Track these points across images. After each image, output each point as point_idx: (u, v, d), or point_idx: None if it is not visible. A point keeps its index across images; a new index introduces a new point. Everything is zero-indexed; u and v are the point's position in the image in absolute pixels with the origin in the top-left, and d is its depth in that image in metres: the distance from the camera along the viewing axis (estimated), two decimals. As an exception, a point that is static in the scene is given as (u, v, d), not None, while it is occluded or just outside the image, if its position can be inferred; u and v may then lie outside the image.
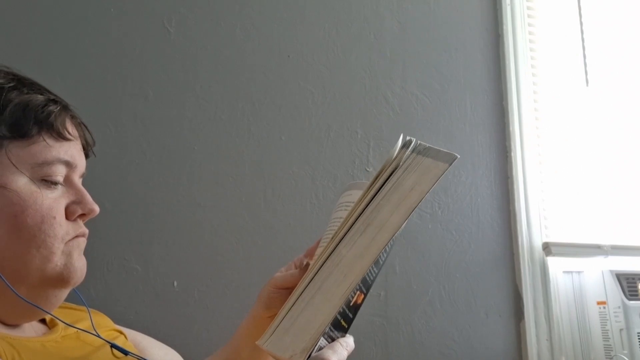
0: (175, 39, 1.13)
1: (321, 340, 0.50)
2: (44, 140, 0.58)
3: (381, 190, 0.51)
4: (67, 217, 0.60)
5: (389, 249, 0.57)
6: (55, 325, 0.65)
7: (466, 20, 1.41)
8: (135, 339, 0.78)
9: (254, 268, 1.08)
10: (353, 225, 0.50)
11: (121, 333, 0.74)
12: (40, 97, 0.59)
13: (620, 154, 1.53)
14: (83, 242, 0.63)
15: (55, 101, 0.61)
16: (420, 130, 1.30)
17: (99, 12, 1.08)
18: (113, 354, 0.65)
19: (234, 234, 1.09)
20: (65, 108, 0.62)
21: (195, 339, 1.01)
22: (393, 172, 0.51)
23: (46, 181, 0.58)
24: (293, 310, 0.49)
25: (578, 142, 1.49)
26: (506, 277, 1.30)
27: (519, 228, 1.32)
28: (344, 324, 0.53)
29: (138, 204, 1.04)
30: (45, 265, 0.57)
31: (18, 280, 0.56)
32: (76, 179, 0.62)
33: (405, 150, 0.52)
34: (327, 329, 0.50)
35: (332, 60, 1.25)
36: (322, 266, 0.50)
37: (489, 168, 1.35)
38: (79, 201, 0.61)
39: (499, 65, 1.41)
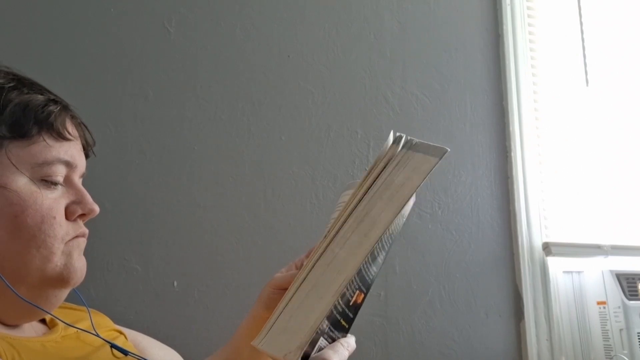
0: (175, 39, 1.13)
1: (321, 341, 0.50)
2: (44, 140, 0.58)
3: (372, 186, 0.51)
4: (67, 217, 0.60)
5: (388, 247, 0.57)
6: (55, 325, 0.65)
7: (466, 20, 1.41)
8: (136, 339, 0.78)
9: (254, 268, 1.08)
10: (345, 223, 0.50)
11: (121, 333, 0.74)
12: (40, 97, 0.59)
13: (620, 154, 1.53)
14: (83, 242, 0.63)
15: (56, 101, 0.61)
16: (420, 130, 1.30)
17: (99, 12, 1.08)
18: (113, 354, 0.65)
19: (234, 234, 1.09)
20: (65, 108, 0.62)
21: (195, 339, 1.01)
22: (384, 169, 0.51)
23: (46, 181, 0.58)
24: (287, 309, 0.49)
25: (578, 142, 1.49)
26: (506, 277, 1.30)
27: (519, 228, 1.32)
28: (344, 323, 0.53)
29: (138, 204, 1.04)
30: (45, 266, 0.57)
31: (18, 280, 0.56)
32: (76, 179, 0.62)
33: (396, 146, 0.52)
34: (327, 328, 0.51)
35: (332, 60, 1.25)
36: (315, 264, 0.50)
37: (489, 168, 1.34)
38: (79, 201, 0.61)
39: (499, 65, 1.41)
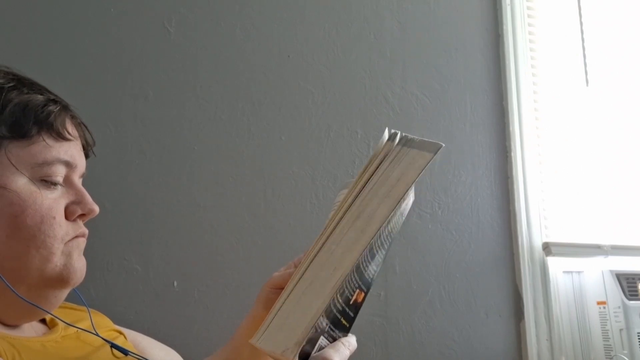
0: (175, 39, 1.13)
1: (322, 340, 0.50)
2: (43, 140, 0.58)
3: (368, 183, 0.51)
4: (67, 218, 0.60)
5: (388, 246, 0.57)
6: (55, 325, 0.65)
7: (466, 20, 1.41)
8: (135, 339, 0.78)
9: (254, 268, 1.08)
10: (341, 220, 0.50)
11: (121, 333, 0.74)
12: (40, 97, 0.59)
13: (620, 154, 1.53)
14: (83, 243, 0.62)
15: (55, 101, 0.61)
16: (420, 130, 1.30)
17: (99, 12, 1.08)
18: (113, 354, 0.65)
19: (234, 234, 1.09)
20: (65, 108, 0.62)
21: (195, 339, 1.01)
22: (379, 166, 0.51)
23: (46, 181, 0.58)
24: (285, 306, 0.49)
25: (578, 142, 1.49)
26: (506, 277, 1.30)
27: (519, 228, 1.32)
28: (345, 323, 0.53)
29: (138, 204, 1.04)
30: (45, 266, 0.57)
31: (18, 280, 0.56)
32: (76, 179, 0.62)
33: (391, 143, 0.52)
34: (328, 327, 0.51)
35: (332, 60, 1.25)
36: (312, 262, 0.50)
37: (489, 168, 1.34)
38: (78, 201, 0.61)
39: (499, 65, 1.41)
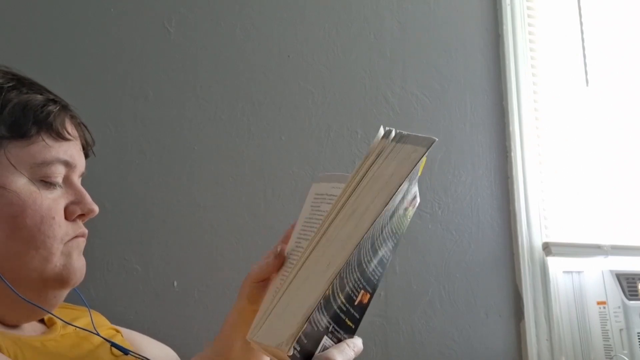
0: (175, 39, 1.13)
1: (326, 340, 0.51)
2: (43, 140, 0.58)
3: (363, 180, 0.51)
4: (67, 218, 0.60)
5: (393, 246, 0.57)
6: (54, 324, 0.65)
7: (466, 20, 1.41)
8: (131, 338, 0.77)
9: (254, 268, 1.07)
10: (336, 217, 0.51)
11: (118, 332, 0.74)
12: (39, 97, 0.59)
13: (620, 154, 1.53)
14: (82, 243, 0.62)
15: (55, 101, 0.61)
16: (420, 130, 1.29)
17: (99, 12, 1.08)
18: (112, 352, 0.65)
19: (234, 234, 1.09)
20: (64, 108, 0.62)
21: (195, 339, 1.01)
22: (374, 162, 0.52)
23: (45, 182, 0.58)
24: (280, 302, 0.49)
25: (578, 142, 1.49)
26: (506, 277, 1.30)
27: (519, 228, 1.32)
28: (350, 324, 0.53)
29: (138, 204, 1.04)
30: (45, 266, 0.57)
31: (17, 280, 0.56)
32: (75, 179, 0.62)
33: (386, 139, 0.53)
34: (332, 327, 0.51)
35: (332, 60, 1.25)
36: (308, 258, 0.50)
37: (489, 168, 1.34)
38: (78, 201, 0.61)
39: (499, 65, 1.41)
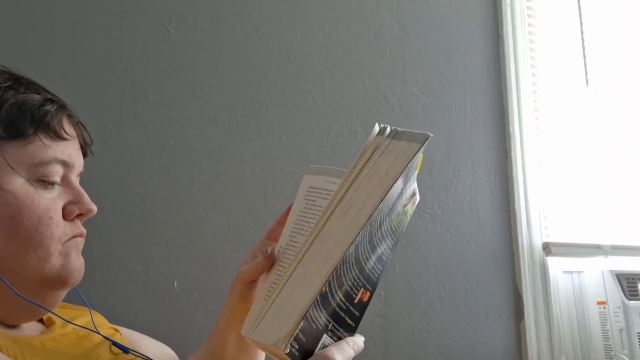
0: (175, 39, 1.13)
1: (326, 338, 0.51)
2: (40, 140, 0.57)
3: (358, 177, 0.52)
4: (65, 217, 0.59)
5: (393, 245, 0.57)
6: (53, 323, 0.65)
7: (466, 20, 1.41)
8: (129, 337, 0.77)
9: (254, 268, 1.07)
10: (332, 214, 0.51)
11: (117, 330, 0.74)
12: (36, 97, 0.59)
13: (620, 154, 1.53)
14: (81, 242, 0.62)
15: (52, 100, 0.60)
16: (420, 130, 1.30)
17: (99, 12, 1.08)
18: (111, 350, 0.65)
19: (234, 234, 1.08)
20: (62, 107, 0.61)
21: (195, 339, 1.01)
22: (369, 159, 0.52)
23: (43, 181, 0.57)
24: (277, 300, 0.50)
25: (578, 142, 1.49)
26: (506, 277, 1.30)
27: (519, 228, 1.32)
28: (350, 322, 0.53)
29: (138, 204, 1.04)
30: (43, 266, 0.57)
31: (16, 281, 0.56)
32: (74, 178, 0.62)
33: (381, 136, 0.53)
34: (331, 326, 0.51)
35: (332, 60, 1.25)
36: (304, 256, 0.50)
37: (489, 168, 1.34)
38: (76, 201, 0.61)
39: (499, 65, 1.41)
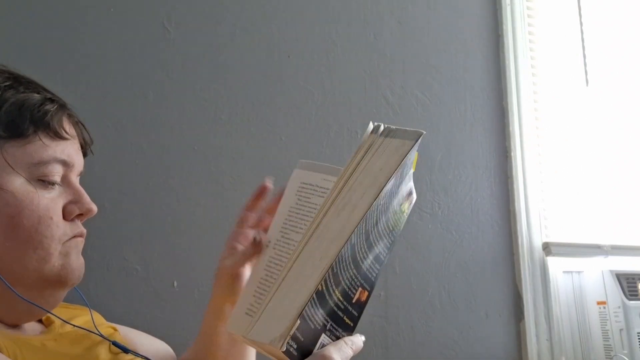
0: (175, 39, 1.13)
1: (324, 338, 0.51)
2: (40, 139, 0.57)
3: (353, 175, 0.52)
4: (65, 217, 0.59)
5: (390, 244, 0.57)
6: (52, 323, 0.65)
7: (466, 20, 1.41)
8: (127, 335, 0.77)
9: (254, 268, 1.07)
10: (328, 212, 0.51)
11: (115, 330, 0.74)
12: (36, 96, 0.58)
13: (620, 154, 1.53)
14: (81, 243, 0.62)
15: (52, 100, 0.60)
16: (420, 129, 1.30)
17: (99, 12, 1.08)
18: (110, 350, 0.64)
19: (234, 234, 1.08)
20: (62, 107, 0.61)
21: (195, 339, 1.01)
22: (363, 157, 0.53)
23: (43, 181, 0.57)
24: (274, 299, 0.50)
25: (578, 142, 1.49)
26: (506, 277, 1.30)
27: (519, 228, 1.32)
28: (348, 321, 0.54)
29: (138, 204, 1.04)
30: (43, 267, 0.57)
31: (16, 281, 0.56)
32: (74, 178, 0.62)
33: (375, 135, 0.53)
34: (330, 325, 0.51)
35: (332, 60, 1.25)
36: (300, 254, 0.51)
37: (489, 168, 1.34)
38: (76, 201, 0.60)
39: (499, 65, 1.41)
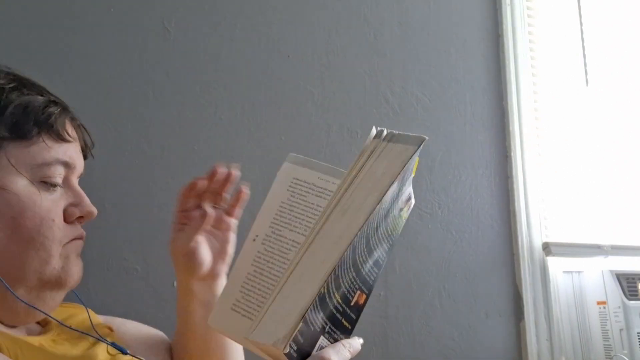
0: (175, 39, 1.13)
1: (323, 340, 0.51)
2: (43, 141, 0.58)
3: (355, 179, 0.53)
4: (65, 220, 0.60)
5: (389, 247, 0.58)
6: (49, 323, 0.65)
7: (466, 20, 1.41)
8: (120, 329, 0.76)
9: (254, 268, 1.07)
10: (331, 215, 0.52)
11: (111, 330, 0.74)
12: (40, 99, 0.59)
13: (620, 154, 1.53)
14: (80, 245, 0.62)
15: (56, 102, 0.61)
16: (420, 130, 1.30)
17: (99, 12, 1.08)
18: (108, 351, 0.65)
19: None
20: (65, 110, 0.62)
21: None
22: (366, 162, 0.53)
23: (45, 183, 0.58)
24: (277, 301, 0.50)
25: (578, 142, 1.49)
26: (506, 277, 1.30)
27: (519, 228, 1.32)
28: (346, 324, 0.54)
29: (138, 204, 1.04)
30: (44, 268, 0.57)
31: (16, 282, 0.56)
32: (74, 180, 0.62)
33: (378, 140, 0.54)
34: (328, 328, 0.51)
35: (332, 60, 1.25)
36: (302, 257, 0.51)
37: (489, 168, 1.34)
38: (77, 203, 0.61)
39: (499, 65, 1.41)
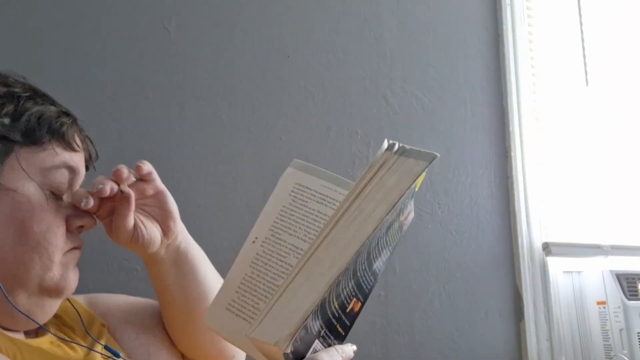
0: (175, 39, 1.13)
1: (317, 344, 0.52)
2: (53, 148, 0.60)
3: (365, 189, 0.54)
4: (67, 228, 0.61)
5: (386, 259, 0.59)
6: (47, 325, 0.66)
7: (466, 20, 1.41)
8: (111, 323, 0.76)
9: (254, 268, 1.07)
10: (339, 221, 0.53)
11: (104, 326, 0.73)
12: (53, 109, 0.62)
13: (620, 154, 1.53)
14: (78, 255, 0.64)
15: (67, 114, 0.64)
16: (420, 130, 1.30)
17: (99, 12, 1.08)
18: (103, 353, 0.65)
19: (233, 234, 1.08)
20: (75, 121, 0.65)
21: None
22: (376, 173, 0.55)
23: (53, 193, 0.59)
24: (280, 300, 0.51)
25: (578, 142, 1.49)
26: (506, 277, 1.30)
27: (519, 228, 1.32)
28: (340, 330, 0.55)
29: (138, 204, 1.03)
30: (45, 274, 0.58)
31: (18, 286, 0.57)
32: (77, 188, 0.63)
33: (389, 152, 0.55)
34: (323, 332, 0.52)
35: (332, 60, 1.25)
36: (309, 259, 0.52)
37: (489, 168, 1.34)
38: (78, 213, 0.62)
39: (499, 65, 1.41)
